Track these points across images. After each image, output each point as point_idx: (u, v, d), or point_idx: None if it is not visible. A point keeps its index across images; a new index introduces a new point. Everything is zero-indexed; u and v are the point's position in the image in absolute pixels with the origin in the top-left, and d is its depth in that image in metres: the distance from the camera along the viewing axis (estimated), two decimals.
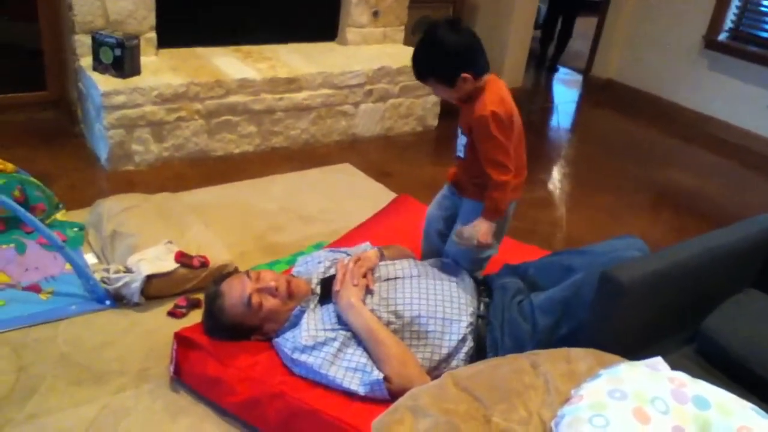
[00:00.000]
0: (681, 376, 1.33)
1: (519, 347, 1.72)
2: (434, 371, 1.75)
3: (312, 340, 1.76)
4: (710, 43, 4.66)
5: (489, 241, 1.88)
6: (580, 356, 1.46)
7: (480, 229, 1.86)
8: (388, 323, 1.79)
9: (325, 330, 1.79)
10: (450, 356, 1.78)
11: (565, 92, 5.54)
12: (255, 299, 1.81)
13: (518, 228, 3.01)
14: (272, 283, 1.85)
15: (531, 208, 3.27)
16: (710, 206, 3.58)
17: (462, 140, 1.89)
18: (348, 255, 2.07)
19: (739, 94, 4.56)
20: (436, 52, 1.76)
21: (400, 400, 1.36)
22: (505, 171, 1.81)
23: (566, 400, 1.32)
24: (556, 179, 3.68)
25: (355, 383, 1.70)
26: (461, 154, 1.91)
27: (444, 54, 1.75)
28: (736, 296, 1.75)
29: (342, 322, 1.80)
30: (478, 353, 1.78)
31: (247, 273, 1.89)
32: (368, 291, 1.85)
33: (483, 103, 1.77)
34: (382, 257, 2.02)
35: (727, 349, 1.62)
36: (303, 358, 1.75)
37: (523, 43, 4.98)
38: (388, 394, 1.67)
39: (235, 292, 1.84)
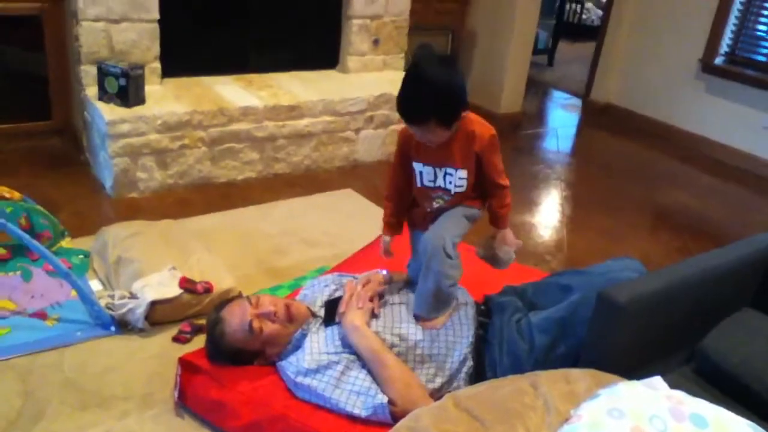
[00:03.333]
0: (679, 395, 1.34)
1: (517, 366, 1.74)
2: (437, 393, 1.77)
3: (315, 364, 1.77)
4: (707, 66, 4.72)
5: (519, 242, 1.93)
6: (579, 377, 1.48)
7: (510, 238, 1.90)
8: (392, 346, 1.80)
9: (328, 353, 1.80)
10: (452, 377, 1.80)
11: (565, 116, 5.59)
12: (255, 324, 1.83)
13: (520, 251, 3.03)
14: (271, 308, 1.86)
15: (532, 231, 3.29)
16: (710, 226, 3.61)
17: (460, 174, 1.78)
18: (355, 278, 2.09)
19: (736, 117, 4.61)
20: (441, 90, 1.62)
21: (402, 422, 1.38)
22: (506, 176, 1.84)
23: (565, 420, 1.33)
24: (557, 202, 3.71)
25: (358, 407, 1.71)
26: (461, 189, 1.80)
27: (451, 93, 1.64)
28: (734, 315, 1.77)
29: (346, 345, 1.81)
30: (477, 372, 1.80)
31: (248, 298, 1.91)
32: (374, 314, 1.87)
33: (480, 125, 1.75)
34: (390, 282, 2.04)
35: (725, 368, 1.63)
36: (306, 381, 1.76)
37: (522, 68, 5.04)
38: (391, 417, 1.68)
39: (235, 318, 1.85)
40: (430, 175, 1.82)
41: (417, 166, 1.84)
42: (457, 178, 1.79)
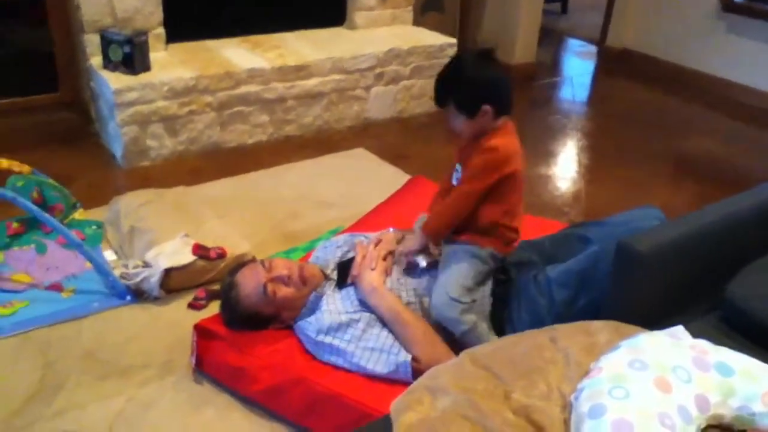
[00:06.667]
0: (703, 344, 1.30)
1: (537, 322, 1.70)
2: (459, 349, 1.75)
3: (336, 323, 1.76)
4: (727, 4, 4.54)
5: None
6: (600, 329, 1.44)
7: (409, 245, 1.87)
8: (408, 303, 1.79)
9: (347, 312, 1.79)
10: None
11: (580, 64, 5.46)
12: (269, 288, 1.82)
13: (537, 204, 2.99)
14: (284, 272, 1.85)
15: (549, 183, 3.23)
16: (734, 172, 3.51)
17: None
18: (367, 238, 2.06)
19: (759, 56, 4.45)
20: (461, 77, 1.68)
21: (419, 380, 1.36)
22: None
23: (586, 373, 1.30)
24: (574, 153, 3.63)
25: (381, 364, 1.70)
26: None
27: (469, 81, 1.67)
28: (759, 261, 1.71)
29: (363, 305, 1.80)
30: (497, 331, 1.77)
31: (262, 262, 1.89)
32: (387, 273, 1.85)
33: (501, 139, 1.71)
34: (401, 240, 2.01)
35: (752, 314, 1.58)
36: (328, 340, 1.75)
37: (535, 17, 4.89)
38: (413, 375, 1.66)
39: (249, 282, 1.84)
40: (457, 173, 1.83)
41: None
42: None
